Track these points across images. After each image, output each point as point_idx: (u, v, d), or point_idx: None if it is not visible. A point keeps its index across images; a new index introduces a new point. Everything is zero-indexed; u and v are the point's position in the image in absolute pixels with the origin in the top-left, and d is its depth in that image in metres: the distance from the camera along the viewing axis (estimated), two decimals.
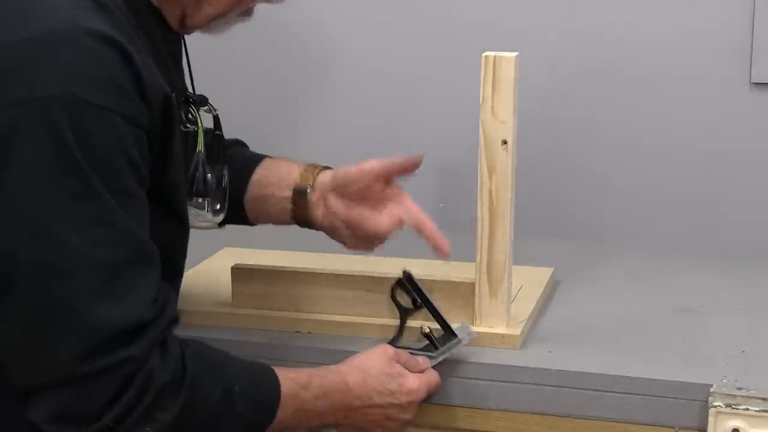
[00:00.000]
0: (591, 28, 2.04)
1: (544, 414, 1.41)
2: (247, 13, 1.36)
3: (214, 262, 1.79)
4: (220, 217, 1.47)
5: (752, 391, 1.33)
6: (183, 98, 1.36)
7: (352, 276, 1.55)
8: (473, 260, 1.49)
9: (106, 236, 1.13)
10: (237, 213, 1.53)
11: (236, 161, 1.51)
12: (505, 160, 1.44)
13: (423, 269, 1.62)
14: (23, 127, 1.10)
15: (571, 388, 1.40)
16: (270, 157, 1.56)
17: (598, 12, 2.03)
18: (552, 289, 1.69)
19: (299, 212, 1.50)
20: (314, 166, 1.51)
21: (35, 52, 1.11)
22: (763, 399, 1.33)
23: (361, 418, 1.37)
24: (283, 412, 1.28)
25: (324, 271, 1.57)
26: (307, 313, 1.55)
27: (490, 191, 1.46)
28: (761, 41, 1.94)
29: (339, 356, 1.43)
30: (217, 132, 1.46)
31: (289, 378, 1.30)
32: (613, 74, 2.04)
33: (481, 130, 1.44)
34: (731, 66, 1.98)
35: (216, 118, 1.46)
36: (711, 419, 1.33)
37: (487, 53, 1.42)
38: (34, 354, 1.14)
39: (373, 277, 1.55)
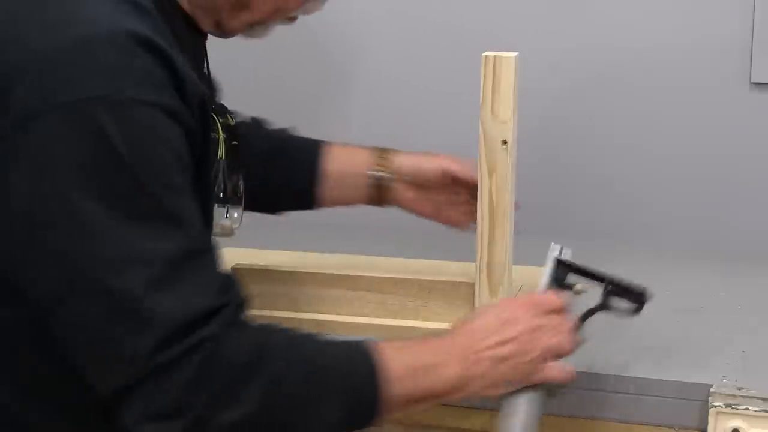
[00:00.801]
0: (591, 27, 2.04)
1: (544, 414, 1.41)
2: (291, 19, 1.36)
3: None
4: (237, 225, 1.48)
5: (752, 391, 1.33)
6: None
7: (352, 276, 1.55)
8: (473, 260, 1.49)
9: (161, 229, 1.13)
10: (301, 201, 1.61)
11: (297, 150, 1.58)
12: (505, 160, 1.44)
13: (423, 269, 1.63)
14: (68, 129, 1.09)
15: (571, 388, 1.39)
16: (329, 143, 1.62)
17: (598, 12, 2.03)
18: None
19: (377, 199, 1.61)
20: (384, 151, 1.60)
21: (76, 55, 1.10)
22: (763, 399, 1.33)
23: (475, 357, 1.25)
24: (396, 370, 1.20)
25: (324, 271, 1.57)
26: (307, 313, 1.55)
27: (490, 191, 1.46)
28: (761, 41, 1.95)
29: None
30: (234, 142, 1.47)
31: (385, 344, 1.23)
32: (613, 74, 2.04)
33: (481, 130, 1.44)
34: (731, 66, 1.98)
35: (233, 128, 1.47)
36: (711, 419, 1.33)
37: (487, 53, 1.42)
38: (110, 355, 1.12)
39: (373, 277, 1.55)
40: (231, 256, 1.76)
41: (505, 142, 1.44)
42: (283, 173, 1.61)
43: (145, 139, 1.12)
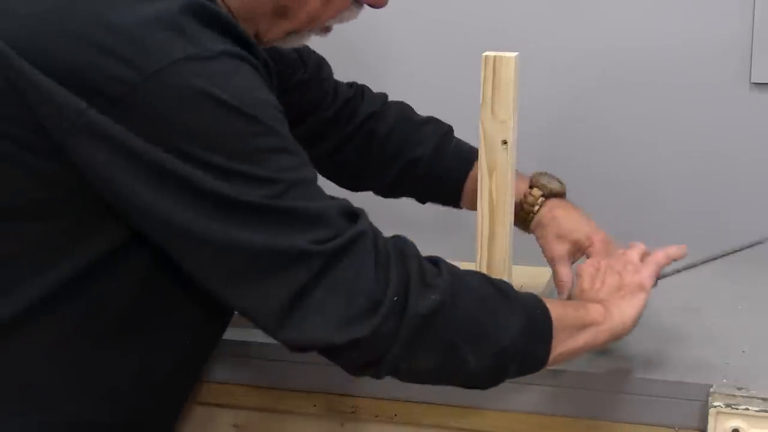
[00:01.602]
0: (591, 27, 2.04)
1: (544, 414, 1.41)
2: (326, 29, 1.36)
3: None
4: None
5: (752, 391, 1.33)
6: None
7: None
8: (473, 260, 1.49)
9: (290, 161, 1.14)
10: (448, 204, 1.65)
11: (448, 159, 1.61)
12: (505, 160, 1.44)
13: None
14: (169, 94, 1.09)
15: (571, 388, 1.40)
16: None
17: (598, 12, 2.03)
18: (552, 289, 1.68)
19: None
20: (528, 205, 1.56)
21: (154, 27, 1.10)
22: (763, 399, 1.33)
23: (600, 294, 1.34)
24: (555, 309, 1.25)
25: None
26: None
27: (490, 191, 1.46)
28: (761, 41, 1.95)
29: None
30: None
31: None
32: (613, 74, 2.04)
33: (481, 130, 1.44)
34: (731, 66, 1.98)
35: None
36: (711, 419, 1.33)
37: (487, 53, 1.42)
38: (283, 251, 1.12)
39: None
40: None
41: (505, 142, 1.44)
42: (424, 189, 1.65)
43: (245, 86, 1.13)
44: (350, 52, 2.16)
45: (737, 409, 1.33)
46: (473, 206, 1.57)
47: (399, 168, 1.63)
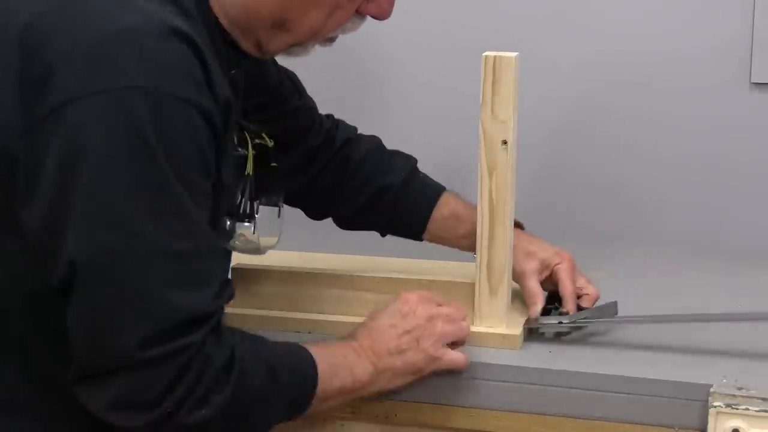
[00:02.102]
0: (591, 27, 2.04)
1: (544, 414, 1.41)
2: (330, 40, 1.36)
3: None
4: (272, 243, 1.51)
5: (752, 391, 1.33)
6: (237, 125, 1.37)
7: (352, 276, 1.55)
8: (473, 260, 1.49)
9: (179, 227, 1.15)
10: (409, 237, 1.66)
11: (416, 190, 1.62)
12: (505, 160, 1.44)
13: (423, 269, 1.62)
14: (105, 114, 1.11)
15: (571, 388, 1.40)
16: (446, 199, 1.62)
17: (598, 12, 2.03)
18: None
19: None
20: None
21: (121, 44, 1.12)
22: (763, 399, 1.33)
23: (384, 353, 1.37)
24: (322, 369, 1.30)
25: (324, 271, 1.57)
26: (307, 313, 1.55)
27: (490, 191, 1.46)
28: (761, 41, 1.95)
29: None
30: (274, 164, 1.49)
31: (311, 344, 1.33)
32: (613, 74, 2.04)
33: (481, 130, 1.44)
34: (731, 66, 1.98)
35: (271, 150, 1.49)
36: (711, 419, 1.33)
37: (487, 53, 1.42)
38: (102, 338, 1.15)
39: (373, 278, 1.55)
40: (231, 256, 1.76)
41: (505, 142, 1.44)
42: (390, 218, 1.65)
43: (178, 137, 1.14)
44: (350, 52, 2.16)
45: (737, 409, 1.33)
46: (436, 238, 1.63)
47: (370, 194, 1.63)
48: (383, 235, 1.69)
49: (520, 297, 1.57)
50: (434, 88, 2.12)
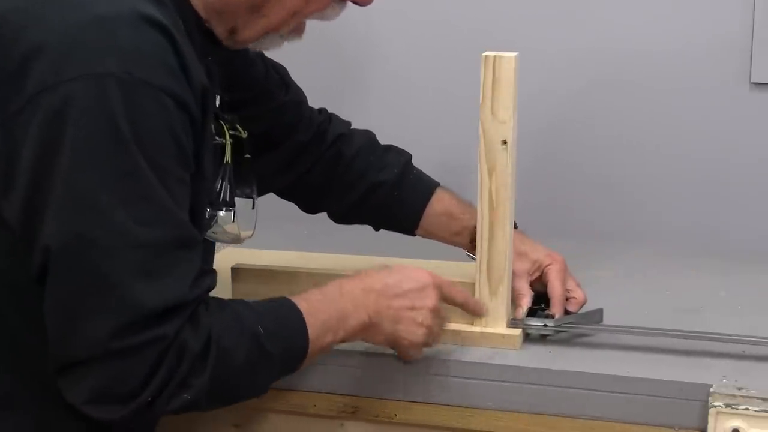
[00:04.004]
0: (591, 27, 2.04)
1: (544, 414, 1.41)
2: (298, 30, 1.35)
3: (214, 261, 1.78)
4: (248, 235, 1.50)
5: (752, 391, 1.33)
6: (213, 114, 1.37)
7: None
8: (466, 257, 1.49)
9: (151, 215, 1.15)
10: (402, 232, 1.66)
11: (410, 186, 1.62)
12: (505, 160, 1.44)
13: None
14: (77, 101, 1.12)
15: (571, 388, 1.40)
16: (439, 196, 1.63)
17: (598, 12, 2.03)
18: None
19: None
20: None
21: (94, 31, 1.13)
22: (763, 399, 1.33)
23: (385, 310, 1.36)
24: (313, 329, 1.29)
25: (324, 271, 1.57)
26: None
27: (490, 191, 1.46)
28: (761, 41, 1.95)
29: (338, 355, 1.43)
30: (247, 155, 1.48)
31: (302, 298, 1.32)
32: (613, 74, 2.04)
33: (481, 130, 1.44)
34: (731, 66, 1.98)
35: (245, 141, 1.48)
36: (711, 419, 1.33)
37: (487, 53, 1.42)
38: (73, 328, 1.15)
39: None
40: (231, 256, 1.76)
41: (505, 142, 1.44)
42: (384, 214, 1.66)
43: (150, 123, 1.14)
44: (351, 52, 2.16)
45: (737, 409, 1.33)
46: (429, 234, 1.63)
47: (362, 191, 1.63)
48: (377, 229, 1.69)
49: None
50: (434, 88, 2.12)
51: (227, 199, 1.44)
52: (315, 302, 1.32)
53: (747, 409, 1.33)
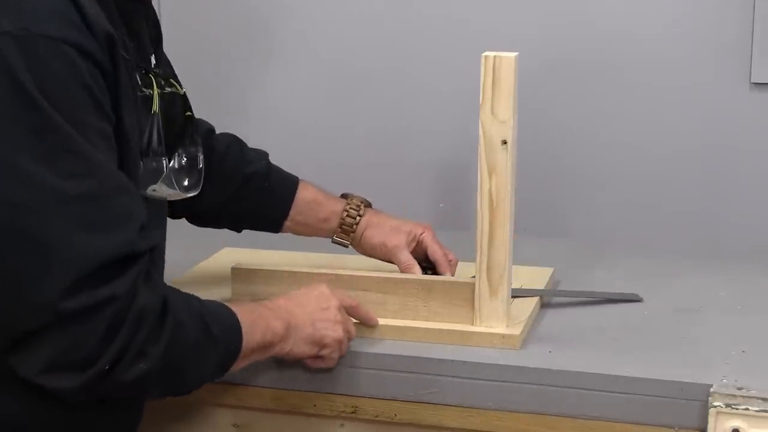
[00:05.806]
0: (591, 28, 2.04)
1: (544, 414, 1.41)
2: None
3: (214, 262, 1.79)
4: (192, 192, 1.46)
5: (752, 391, 1.33)
6: (143, 70, 1.35)
7: (351, 276, 1.55)
8: (473, 260, 1.49)
9: (77, 167, 1.12)
10: (269, 227, 1.67)
11: (277, 177, 1.64)
12: (505, 160, 1.44)
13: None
14: None
15: (571, 388, 1.40)
16: (304, 185, 1.66)
17: (598, 12, 2.03)
18: (552, 286, 1.69)
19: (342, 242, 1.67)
20: (352, 220, 1.64)
21: None
22: (763, 399, 1.33)
23: (300, 314, 1.39)
24: (244, 326, 1.30)
25: (323, 272, 1.57)
26: None
27: (490, 191, 1.46)
28: (761, 41, 1.94)
29: None
30: (188, 113, 1.46)
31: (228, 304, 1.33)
32: (613, 74, 2.04)
33: (481, 130, 1.44)
34: (731, 66, 1.98)
35: (184, 98, 1.46)
36: (711, 419, 1.33)
37: (487, 53, 1.42)
38: (19, 299, 1.12)
39: (373, 277, 1.55)
40: (231, 256, 1.76)
41: (505, 142, 1.44)
42: (256, 206, 1.65)
43: (56, 77, 1.12)
44: (350, 51, 2.16)
45: (737, 409, 1.33)
46: (297, 224, 1.66)
47: (239, 182, 1.63)
48: (239, 230, 1.68)
49: (520, 297, 1.57)
50: (434, 88, 2.11)
51: (156, 149, 1.37)
52: (239, 306, 1.33)
53: (747, 409, 1.33)
